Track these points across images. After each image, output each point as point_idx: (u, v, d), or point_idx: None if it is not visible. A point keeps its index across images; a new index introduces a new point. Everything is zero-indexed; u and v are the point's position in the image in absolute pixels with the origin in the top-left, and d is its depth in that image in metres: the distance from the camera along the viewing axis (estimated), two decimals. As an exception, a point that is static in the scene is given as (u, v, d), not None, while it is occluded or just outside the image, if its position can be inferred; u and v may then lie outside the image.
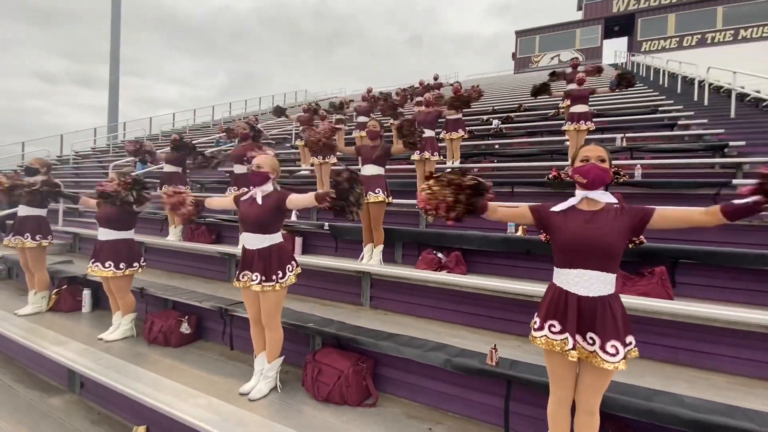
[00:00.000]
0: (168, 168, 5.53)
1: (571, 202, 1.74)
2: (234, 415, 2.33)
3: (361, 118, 7.79)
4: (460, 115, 6.29)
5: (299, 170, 7.95)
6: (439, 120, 5.76)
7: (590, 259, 1.61)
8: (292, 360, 3.08)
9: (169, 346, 3.46)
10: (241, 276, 2.61)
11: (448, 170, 1.82)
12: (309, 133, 4.48)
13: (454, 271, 3.62)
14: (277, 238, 2.63)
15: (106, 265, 3.44)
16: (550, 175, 4.74)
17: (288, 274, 2.61)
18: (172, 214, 2.61)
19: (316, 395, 2.63)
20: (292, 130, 11.57)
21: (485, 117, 9.25)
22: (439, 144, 5.59)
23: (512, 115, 9.04)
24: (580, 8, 27.03)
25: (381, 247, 4.02)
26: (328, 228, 4.56)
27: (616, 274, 1.66)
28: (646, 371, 2.31)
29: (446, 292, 3.31)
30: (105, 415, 3.02)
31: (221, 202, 2.93)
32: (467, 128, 6.57)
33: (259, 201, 2.59)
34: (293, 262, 2.68)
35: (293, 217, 5.24)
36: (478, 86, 6.52)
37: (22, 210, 4.27)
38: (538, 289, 2.77)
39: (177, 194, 2.82)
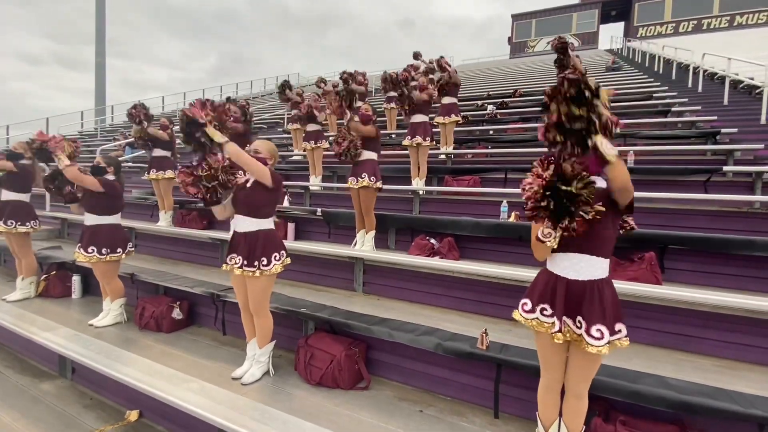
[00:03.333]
0: (158, 152, 5.42)
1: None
2: (227, 399, 2.34)
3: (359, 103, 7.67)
4: (454, 100, 6.22)
5: (291, 155, 7.86)
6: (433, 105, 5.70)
7: (582, 242, 1.61)
8: (285, 344, 3.09)
9: (161, 331, 3.45)
10: (228, 259, 2.58)
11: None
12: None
13: (446, 256, 3.62)
14: (266, 224, 2.59)
15: (89, 250, 3.39)
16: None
17: (274, 262, 2.55)
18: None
19: (308, 379, 2.65)
20: (284, 115, 11.38)
21: (480, 102, 9.16)
22: (433, 129, 5.53)
23: (507, 100, 8.96)
24: (579, -6, 26.66)
25: (373, 233, 4.01)
26: (320, 214, 4.53)
27: (608, 259, 1.66)
28: (633, 354, 2.35)
29: (438, 278, 3.32)
30: (97, 400, 3.02)
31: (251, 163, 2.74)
32: (461, 113, 6.51)
33: (249, 184, 2.55)
34: (282, 252, 2.62)
35: (285, 203, 5.19)
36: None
37: (4, 195, 4.17)
38: (529, 274, 2.78)
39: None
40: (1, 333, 3.84)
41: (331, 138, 7.45)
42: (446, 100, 6.15)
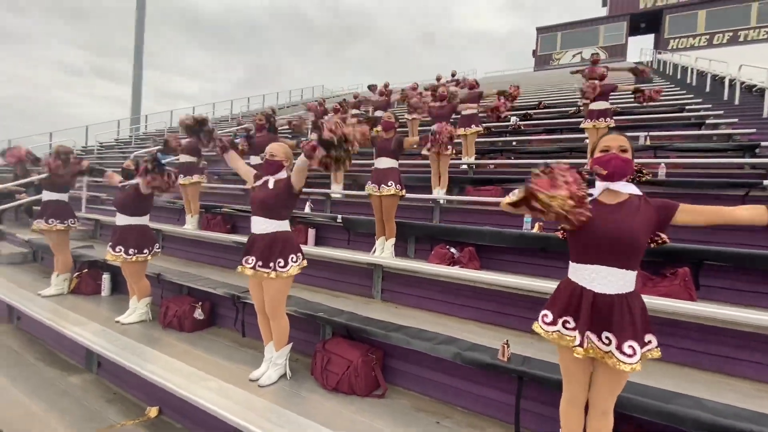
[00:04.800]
0: (184, 158, 5.62)
1: (592, 193, 1.68)
2: (244, 400, 2.35)
3: (378, 113, 7.76)
4: (475, 111, 6.20)
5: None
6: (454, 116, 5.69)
7: (610, 255, 1.54)
8: (302, 349, 3.10)
9: (183, 331, 3.52)
10: (244, 260, 2.60)
11: None
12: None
13: (467, 266, 3.56)
14: (283, 226, 2.62)
15: (117, 249, 3.52)
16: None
17: (291, 264, 2.55)
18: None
19: (324, 384, 2.64)
20: (308, 125, 11.60)
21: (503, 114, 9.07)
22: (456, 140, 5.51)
23: (531, 112, 8.86)
24: (605, 4, 26.29)
25: (393, 240, 4.00)
26: (341, 220, 4.56)
27: (636, 272, 1.59)
28: (664, 374, 2.22)
29: (458, 287, 3.27)
30: (120, 394, 3.10)
31: (242, 166, 2.81)
32: (482, 124, 6.48)
33: (271, 186, 2.60)
34: (299, 254, 2.62)
35: (307, 209, 5.26)
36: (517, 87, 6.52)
37: (46, 195, 4.41)
38: (552, 286, 2.70)
39: None
40: (36, 326, 4.02)
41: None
42: (467, 111, 6.14)
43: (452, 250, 3.76)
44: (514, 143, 7.02)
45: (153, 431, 2.66)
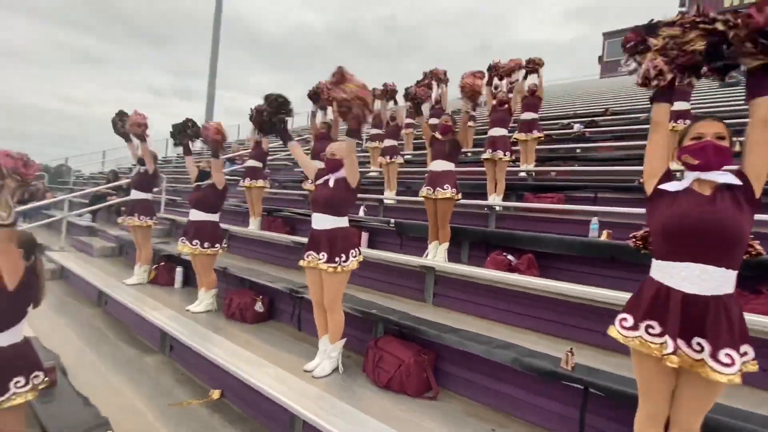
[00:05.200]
0: (250, 163, 6.06)
1: (683, 183, 1.50)
2: (299, 387, 2.43)
3: (433, 120, 7.78)
4: (536, 116, 5.98)
5: (368, 172, 8.16)
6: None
7: (705, 249, 1.36)
8: (354, 346, 3.13)
9: (245, 322, 3.73)
10: (306, 255, 2.72)
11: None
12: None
13: (525, 274, 3.40)
14: (343, 222, 2.72)
15: (193, 243, 3.84)
16: (641, 180, 4.28)
17: (351, 258, 2.66)
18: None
19: (376, 380, 2.64)
20: (363, 135, 11.93)
21: (566, 121, 8.67)
22: (514, 146, 5.36)
23: (597, 119, 8.36)
24: (682, 5, 24.26)
25: (447, 245, 3.95)
26: (393, 224, 4.60)
27: (736, 272, 1.39)
28: (757, 399, 1.94)
29: (517, 295, 3.13)
30: (188, 376, 3.34)
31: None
32: (543, 131, 6.22)
33: (331, 184, 2.70)
34: (357, 249, 2.74)
35: (360, 213, 5.37)
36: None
37: (133, 194, 4.97)
38: (625, 297, 2.49)
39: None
40: (120, 310, 4.49)
41: (406, 155, 7.65)
42: (527, 115, 5.95)
43: (509, 257, 3.62)
44: (578, 150, 6.65)
45: (215, 412, 2.83)
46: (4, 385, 2.04)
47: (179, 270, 4.95)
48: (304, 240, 4.67)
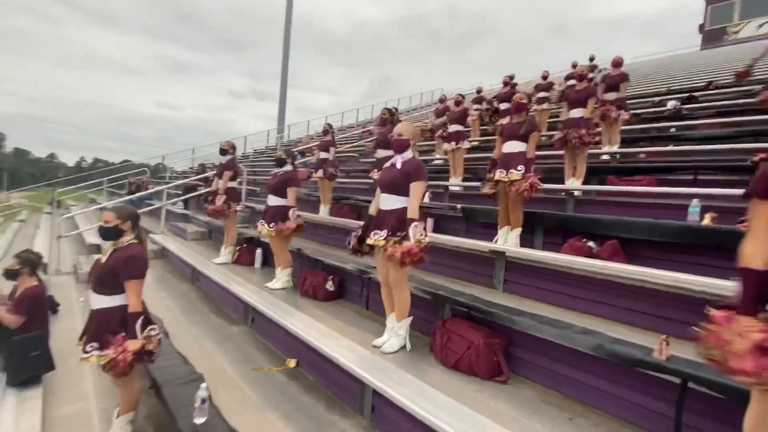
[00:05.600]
0: (323, 155, 6.37)
1: None
2: (369, 359, 2.51)
3: (503, 105, 7.45)
4: (622, 94, 5.42)
5: (433, 159, 8.07)
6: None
7: None
8: (421, 327, 3.14)
9: (316, 299, 3.94)
10: (372, 234, 2.77)
11: None
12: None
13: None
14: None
15: (270, 225, 4.13)
16: (755, 159, 3.66)
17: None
18: None
19: (444, 360, 2.62)
20: (428, 123, 11.83)
21: (656, 99, 7.73)
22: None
23: (698, 94, 7.33)
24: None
25: (519, 230, 3.76)
26: (460, 210, 4.49)
27: None
28: None
29: (598, 283, 2.88)
30: (267, 346, 3.63)
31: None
32: (631, 111, 5.61)
33: (398, 166, 2.72)
34: (424, 230, 2.71)
35: (426, 199, 5.33)
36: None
37: (220, 183, 5.46)
38: (729, 284, 2.16)
39: None
40: (210, 286, 5.00)
41: (473, 141, 7.42)
42: (610, 95, 5.41)
43: (590, 243, 3.35)
44: (672, 129, 5.90)
45: (291, 379, 3.04)
46: (132, 334, 2.40)
47: (259, 251, 5.37)
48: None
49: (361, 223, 4.97)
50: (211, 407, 2.37)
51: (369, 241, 2.81)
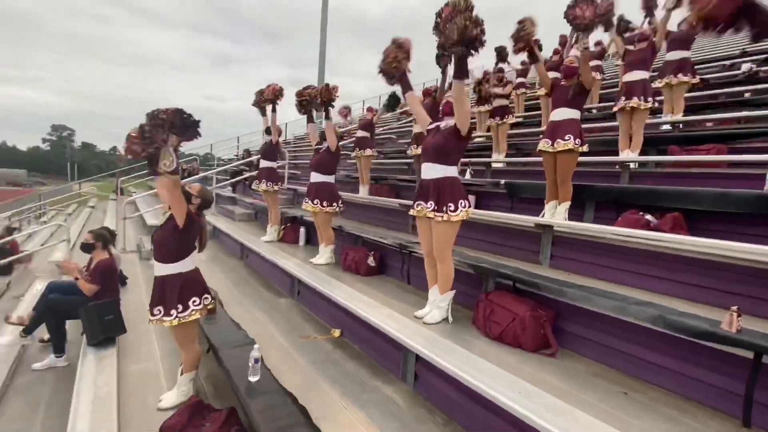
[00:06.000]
0: (360, 133, 6.43)
1: None
2: (413, 328, 2.53)
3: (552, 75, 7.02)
4: (686, 54, 4.90)
5: (474, 137, 7.83)
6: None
7: None
8: (463, 301, 3.11)
9: (359, 274, 4.02)
10: (415, 204, 2.76)
11: None
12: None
13: (669, 234, 2.90)
14: (452, 171, 2.67)
15: (314, 202, 4.23)
16: None
17: (460, 209, 2.62)
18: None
19: (487, 333, 2.59)
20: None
21: (728, 62, 6.95)
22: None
23: (779, 54, 6.50)
24: None
25: (567, 204, 3.58)
26: (504, 185, 4.35)
27: None
28: None
29: (655, 257, 2.68)
30: (313, 317, 3.77)
31: (420, 110, 3.01)
32: (698, 75, 5.08)
33: (442, 127, 2.67)
34: (466, 200, 2.67)
35: (467, 176, 5.21)
36: None
37: (261, 163, 5.66)
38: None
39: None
40: (258, 262, 5.25)
41: (517, 117, 7.09)
42: (674, 55, 4.91)
43: (648, 216, 3.13)
44: (747, 94, 5.29)
45: (336, 346, 3.15)
46: (185, 304, 2.59)
47: (302, 230, 5.55)
48: (410, 203, 4.84)
49: (402, 201, 5.00)
50: (263, 368, 2.52)
51: (412, 212, 2.80)
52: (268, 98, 5.25)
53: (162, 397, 2.68)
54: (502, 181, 4.37)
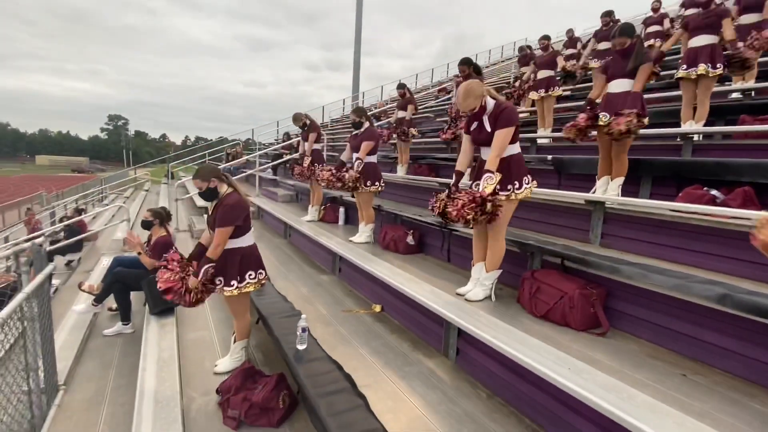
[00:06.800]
0: (401, 114, 6.36)
1: None
2: (455, 303, 2.53)
3: (603, 45, 6.55)
4: (761, 17, 4.36)
5: (520, 111, 7.51)
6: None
7: None
8: (507, 281, 3.05)
9: (398, 252, 4.04)
10: (474, 185, 2.68)
11: None
12: None
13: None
14: (515, 149, 2.60)
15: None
16: None
17: (524, 186, 2.58)
18: None
19: (533, 311, 2.53)
20: (511, 76, 10.97)
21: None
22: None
23: None
24: None
25: (621, 180, 3.36)
26: (551, 161, 4.15)
27: None
28: None
29: (723, 234, 2.48)
30: (353, 293, 3.87)
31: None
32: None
33: (488, 128, 2.58)
34: (529, 176, 2.61)
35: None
36: None
37: (303, 146, 5.76)
38: None
39: None
40: (300, 240, 5.42)
41: (564, 89, 6.70)
42: (749, 17, 4.39)
43: (713, 191, 2.88)
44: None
45: (377, 320, 3.22)
46: (242, 276, 2.74)
47: (342, 210, 5.64)
48: (450, 181, 4.75)
49: (441, 179, 4.93)
50: (309, 337, 2.63)
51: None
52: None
53: (217, 362, 2.88)
54: (549, 157, 4.18)
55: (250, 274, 2.74)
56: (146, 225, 4.18)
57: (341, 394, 2.10)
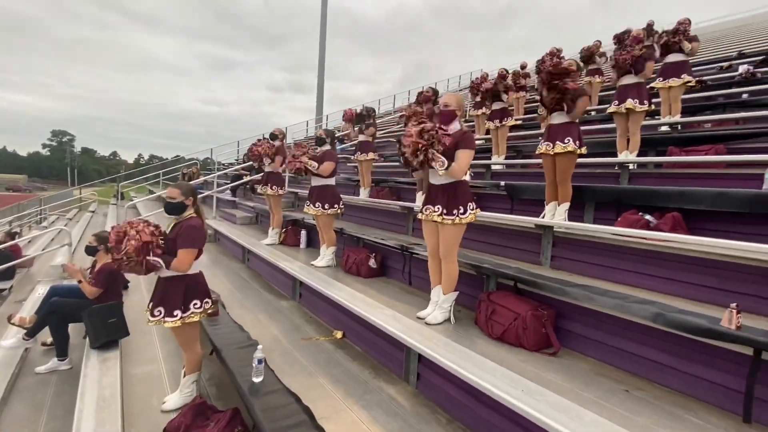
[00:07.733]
0: (362, 137, 6.45)
1: None
2: (415, 328, 2.55)
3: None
4: (683, 58, 4.96)
5: (476, 139, 7.88)
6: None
7: None
8: (465, 302, 3.13)
9: (360, 276, 4.03)
10: (424, 209, 2.79)
11: None
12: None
13: (668, 234, 2.92)
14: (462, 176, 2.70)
15: (316, 205, 4.26)
16: None
17: (468, 211, 2.67)
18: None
19: (489, 333, 2.61)
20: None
21: (725, 64, 7.01)
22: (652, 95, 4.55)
23: (775, 57, 6.56)
24: None
25: (567, 205, 3.60)
26: (504, 187, 4.37)
27: None
28: None
29: (656, 256, 2.71)
30: (314, 318, 3.79)
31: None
32: (695, 76, 5.13)
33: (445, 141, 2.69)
34: (473, 203, 2.71)
35: (467, 178, 5.24)
36: None
37: (267, 168, 5.69)
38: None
39: None
40: (259, 264, 5.26)
41: (517, 119, 7.13)
42: (673, 57, 4.97)
43: (648, 216, 3.15)
44: (744, 95, 5.34)
45: (339, 348, 3.16)
46: (186, 305, 2.61)
47: (303, 233, 5.56)
48: (411, 205, 4.87)
49: (403, 203, 5.03)
50: (266, 369, 2.53)
51: (421, 216, 2.83)
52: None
53: (166, 398, 2.69)
54: (502, 183, 4.40)
55: (195, 304, 2.62)
56: (90, 251, 3.90)
57: (298, 429, 2.02)
